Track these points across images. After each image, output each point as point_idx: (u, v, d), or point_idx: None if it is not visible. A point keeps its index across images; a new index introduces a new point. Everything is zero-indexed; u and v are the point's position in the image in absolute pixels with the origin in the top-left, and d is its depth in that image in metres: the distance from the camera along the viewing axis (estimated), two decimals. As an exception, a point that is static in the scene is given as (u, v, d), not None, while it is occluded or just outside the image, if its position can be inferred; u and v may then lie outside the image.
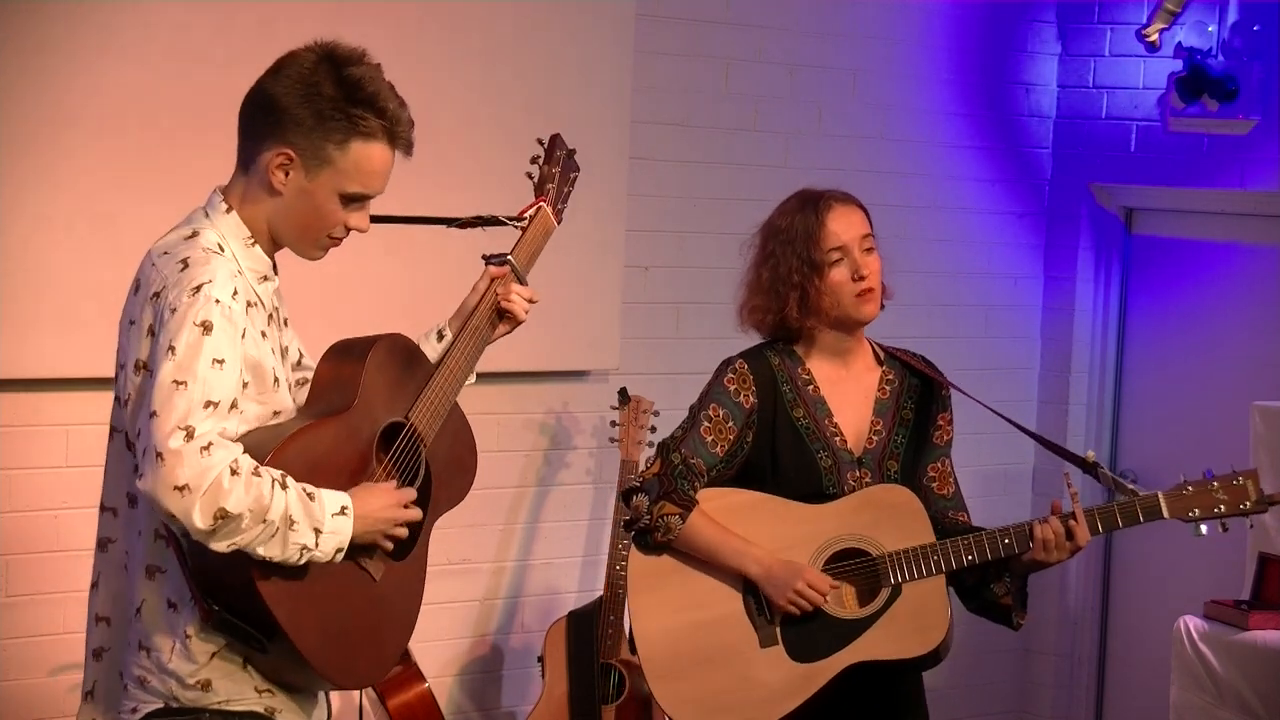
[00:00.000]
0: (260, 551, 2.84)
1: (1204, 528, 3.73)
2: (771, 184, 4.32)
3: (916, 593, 3.71)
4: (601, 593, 5.33)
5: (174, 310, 2.88)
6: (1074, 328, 6.59)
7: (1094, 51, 6.49)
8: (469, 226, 3.46)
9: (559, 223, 3.53)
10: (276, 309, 3.12)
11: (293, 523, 2.85)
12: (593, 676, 5.25)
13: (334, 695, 5.17)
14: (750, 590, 3.74)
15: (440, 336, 3.34)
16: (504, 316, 3.36)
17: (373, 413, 3.08)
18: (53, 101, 4.65)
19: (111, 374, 3.08)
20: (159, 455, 2.79)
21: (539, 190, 3.53)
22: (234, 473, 2.80)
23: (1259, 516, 3.82)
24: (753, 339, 3.90)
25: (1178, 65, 6.16)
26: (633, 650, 3.83)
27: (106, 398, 3.08)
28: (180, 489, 2.78)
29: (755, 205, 4.00)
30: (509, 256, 3.38)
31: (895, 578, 3.70)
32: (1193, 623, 5.31)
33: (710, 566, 3.75)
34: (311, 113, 2.97)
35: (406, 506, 3.06)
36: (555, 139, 3.62)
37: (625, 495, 3.80)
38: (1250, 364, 6.17)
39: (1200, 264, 6.40)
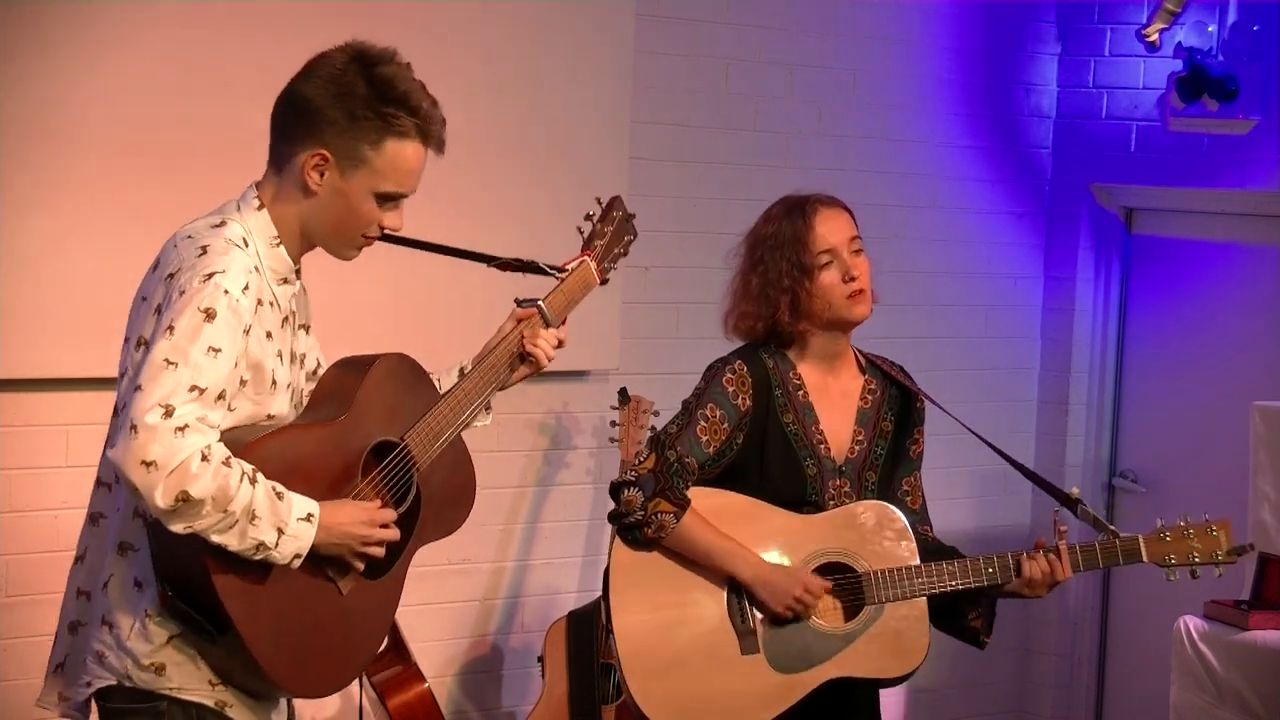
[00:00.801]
0: (215, 539, 2.83)
1: (1176, 575, 3.87)
2: (771, 184, 4.31)
3: (899, 613, 3.73)
4: (601, 593, 5.32)
5: (182, 293, 2.90)
6: (1074, 328, 6.59)
7: (1094, 51, 6.49)
8: (508, 269, 3.45)
9: (603, 282, 3.55)
10: (294, 313, 3.12)
11: (254, 517, 2.85)
12: (593, 676, 5.25)
13: (333, 696, 5.18)
14: (734, 594, 3.73)
15: (462, 373, 3.34)
16: (525, 360, 3.36)
17: (365, 427, 3.07)
18: (55, 103, 4.64)
19: (112, 374, 3.08)
20: (134, 427, 2.80)
21: (586, 245, 3.55)
22: (204, 459, 2.80)
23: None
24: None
25: (1178, 65, 6.15)
26: (608, 640, 3.80)
27: (106, 397, 3.08)
28: (147, 464, 2.78)
29: (755, 205, 3.99)
30: (539, 301, 3.38)
31: (880, 596, 3.71)
32: (1193, 623, 5.30)
33: (696, 567, 3.74)
34: (345, 113, 2.99)
35: (385, 527, 3.03)
36: (615, 200, 3.65)
37: (615, 489, 3.77)
38: (1250, 364, 6.17)
39: (1200, 264, 6.39)
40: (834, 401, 3.83)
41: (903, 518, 3.77)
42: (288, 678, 2.97)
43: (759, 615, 3.72)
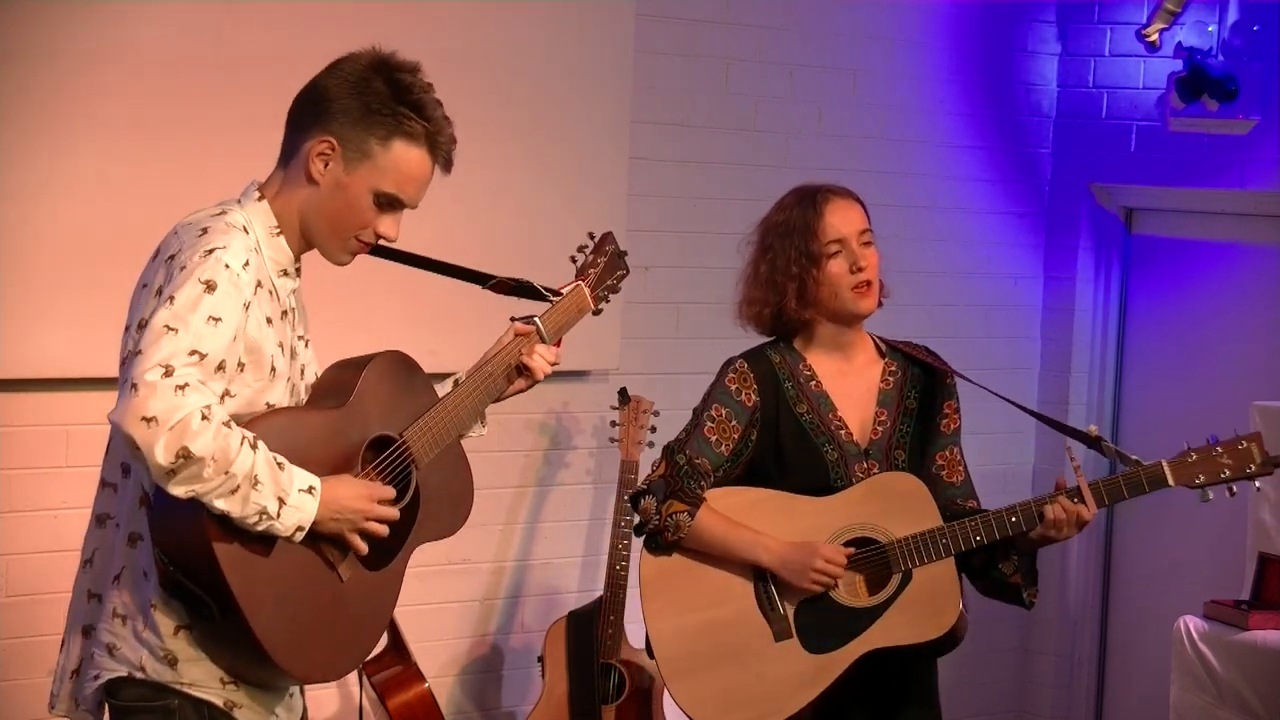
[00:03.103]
0: (219, 505, 2.83)
1: (1210, 493, 3.70)
2: (771, 184, 4.32)
3: (927, 577, 3.72)
4: (601, 593, 5.33)
5: (183, 268, 2.91)
6: (1074, 328, 6.59)
7: (1094, 51, 6.49)
8: (501, 290, 3.49)
9: (596, 311, 3.59)
10: (293, 310, 3.13)
11: (256, 482, 2.84)
12: (593, 676, 5.25)
13: (334, 696, 5.18)
14: (761, 584, 3.76)
15: (455, 385, 3.35)
16: (521, 372, 3.39)
17: (364, 419, 3.08)
18: (54, 101, 4.65)
19: (112, 374, 3.08)
20: (134, 386, 2.80)
21: (580, 274, 3.60)
22: (205, 418, 2.80)
23: (1263, 490, 3.74)
24: (751, 336, 3.92)
25: (1178, 65, 6.16)
26: (650, 655, 3.84)
27: (106, 397, 3.08)
28: (147, 420, 2.77)
29: (755, 205, 4.00)
30: (536, 318, 3.43)
31: (905, 564, 3.72)
32: (1193, 623, 5.30)
33: (720, 564, 3.77)
34: (359, 104, 3.02)
35: (385, 507, 3.04)
36: (606, 236, 3.71)
37: (633, 499, 3.82)
38: (1250, 364, 6.17)
39: (1200, 264, 6.39)
40: (851, 387, 3.85)
41: (920, 483, 3.77)
42: (287, 657, 2.96)
43: (788, 601, 3.74)
